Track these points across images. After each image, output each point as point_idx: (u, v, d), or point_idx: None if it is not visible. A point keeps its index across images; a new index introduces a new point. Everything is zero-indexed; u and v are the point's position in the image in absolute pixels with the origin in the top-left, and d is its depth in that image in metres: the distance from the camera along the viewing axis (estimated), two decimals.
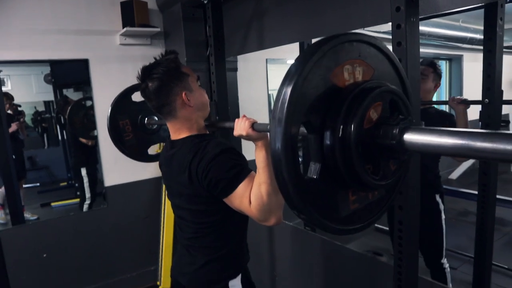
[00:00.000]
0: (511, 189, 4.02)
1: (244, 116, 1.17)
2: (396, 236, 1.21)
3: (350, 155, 0.61)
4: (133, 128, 2.01)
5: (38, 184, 3.81)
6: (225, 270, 1.31)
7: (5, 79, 3.07)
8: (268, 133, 1.09)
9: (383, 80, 0.70)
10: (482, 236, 1.73)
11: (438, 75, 2.22)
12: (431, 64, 2.24)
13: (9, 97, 2.90)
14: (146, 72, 1.24)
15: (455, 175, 5.25)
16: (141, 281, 3.11)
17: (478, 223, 1.77)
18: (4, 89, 2.98)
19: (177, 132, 1.31)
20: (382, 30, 3.44)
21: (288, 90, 0.58)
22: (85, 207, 3.14)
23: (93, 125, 2.81)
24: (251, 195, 1.10)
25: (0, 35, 2.38)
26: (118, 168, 2.90)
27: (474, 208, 1.88)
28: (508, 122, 1.73)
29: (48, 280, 2.71)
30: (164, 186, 3.05)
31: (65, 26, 2.58)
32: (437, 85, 2.22)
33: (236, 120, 1.19)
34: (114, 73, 2.77)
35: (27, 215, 2.97)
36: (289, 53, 3.41)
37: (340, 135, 0.61)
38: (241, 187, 1.13)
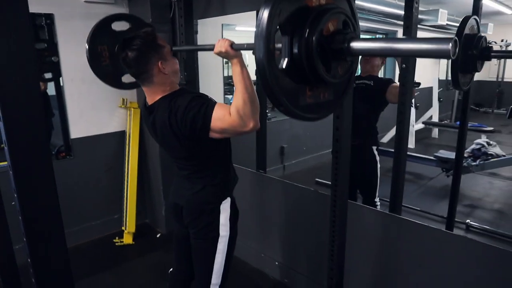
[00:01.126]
0: (430, 151, 4.72)
1: (224, 38, 1.37)
2: (333, 163, 1.61)
3: (311, 54, 0.90)
4: (110, 54, 2.11)
5: None
6: (218, 193, 1.61)
7: None
8: (241, 52, 1.35)
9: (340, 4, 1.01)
10: (394, 184, 2.22)
11: None
12: None
13: None
14: (126, 43, 1.43)
15: (386, 139, 5.94)
16: (106, 228, 3.35)
17: (393, 174, 2.26)
18: None
19: (152, 95, 1.52)
20: None
21: (268, 8, 0.84)
22: None
23: (47, 67, 2.85)
24: (231, 108, 1.32)
25: None
26: (83, 121, 3.06)
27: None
28: (419, 83, 2.21)
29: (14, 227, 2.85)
30: (128, 139, 3.27)
31: None
32: (383, 61, 2.76)
33: (218, 40, 1.37)
34: (79, 29, 2.87)
35: None
36: (240, 20, 3.67)
37: (305, 36, 0.89)
38: (216, 111, 1.36)
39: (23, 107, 0.82)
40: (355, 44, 0.92)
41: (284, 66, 0.90)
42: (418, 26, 1.98)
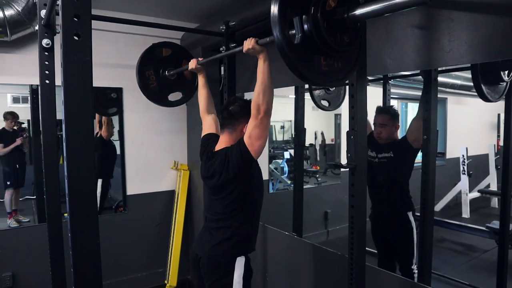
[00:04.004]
0: (486, 221, 4.48)
1: (250, 38, 1.66)
2: (349, 227, 1.71)
3: (319, 27, 1.13)
4: (156, 77, 2.54)
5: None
6: (235, 248, 1.76)
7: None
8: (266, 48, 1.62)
9: None
10: (421, 249, 2.23)
11: (395, 117, 2.75)
12: (387, 112, 2.77)
13: (14, 115, 3.10)
14: (235, 100, 1.87)
15: (438, 207, 5.72)
16: (150, 281, 3.55)
17: (419, 239, 2.28)
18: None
19: (223, 143, 1.83)
20: None
21: None
22: None
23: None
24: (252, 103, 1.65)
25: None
26: (139, 179, 3.44)
27: (449, 235, 2.34)
28: (442, 153, 2.28)
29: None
30: (177, 197, 3.57)
31: (106, 60, 3.19)
32: (396, 126, 2.73)
33: (245, 41, 1.67)
34: (142, 101, 3.35)
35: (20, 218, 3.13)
36: (291, 90, 4.01)
37: (312, 12, 1.13)
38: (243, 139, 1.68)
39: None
40: (356, 12, 1.15)
41: (298, 41, 1.14)
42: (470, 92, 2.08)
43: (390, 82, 3.43)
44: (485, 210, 6.23)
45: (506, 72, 1.96)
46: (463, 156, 5.80)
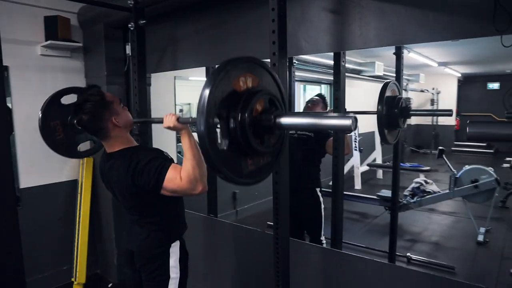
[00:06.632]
0: (376, 191, 5.06)
1: (170, 113, 1.53)
2: (274, 203, 1.78)
3: (246, 133, 1.09)
4: (63, 128, 2.22)
5: None
6: (165, 238, 1.71)
7: None
8: (188, 125, 1.52)
9: (267, 86, 1.21)
10: (334, 221, 2.43)
11: (325, 105, 3.02)
12: (321, 96, 3.09)
13: None
14: (78, 108, 1.57)
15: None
16: (55, 280, 3.23)
17: (332, 212, 2.47)
18: None
19: (112, 147, 1.66)
20: None
21: (207, 93, 1.02)
22: None
23: None
24: (181, 173, 1.46)
25: None
26: (34, 170, 3.05)
27: (345, 206, 2.58)
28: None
29: None
30: (81, 188, 3.28)
31: None
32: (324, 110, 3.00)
33: (165, 116, 1.53)
34: (34, 81, 2.96)
35: None
36: (192, 71, 3.93)
37: (239, 120, 1.08)
38: (169, 174, 1.48)
39: None
40: (281, 120, 1.14)
41: (225, 147, 1.09)
42: (359, 76, 2.31)
43: (294, 64, 3.61)
44: (373, 181, 7.07)
45: (402, 119, 2.28)
46: (355, 134, 6.40)
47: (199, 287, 2.85)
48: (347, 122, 1.02)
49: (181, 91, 4.42)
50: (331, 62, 5.42)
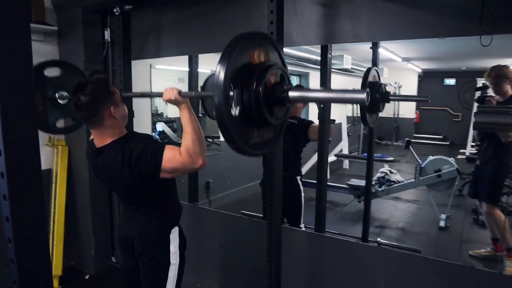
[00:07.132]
0: (343, 180, 5.25)
1: (170, 87, 1.50)
2: (268, 190, 1.84)
3: (259, 102, 1.13)
4: (43, 100, 2.11)
5: None
6: (166, 223, 1.72)
7: None
8: (188, 99, 1.51)
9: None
10: (318, 208, 2.54)
11: None
12: (301, 87, 3.10)
13: None
14: (80, 88, 1.51)
15: (304, 170, 6.44)
16: None
17: (316, 199, 2.58)
18: None
19: (102, 138, 1.61)
20: None
21: (225, 63, 1.06)
22: None
23: None
24: (181, 148, 1.46)
25: None
26: None
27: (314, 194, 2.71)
28: (334, 120, 2.61)
29: None
30: (55, 177, 3.17)
31: None
32: (304, 105, 3.12)
33: (165, 89, 1.51)
34: None
35: None
36: (172, 60, 3.88)
37: (253, 89, 1.12)
38: (166, 153, 1.48)
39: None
40: (292, 94, 1.19)
41: (237, 114, 1.13)
42: None
43: None
44: (340, 171, 7.31)
45: (382, 104, 2.36)
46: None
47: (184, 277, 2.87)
48: (361, 96, 1.07)
49: (156, 80, 4.35)
50: (302, 54, 5.63)
